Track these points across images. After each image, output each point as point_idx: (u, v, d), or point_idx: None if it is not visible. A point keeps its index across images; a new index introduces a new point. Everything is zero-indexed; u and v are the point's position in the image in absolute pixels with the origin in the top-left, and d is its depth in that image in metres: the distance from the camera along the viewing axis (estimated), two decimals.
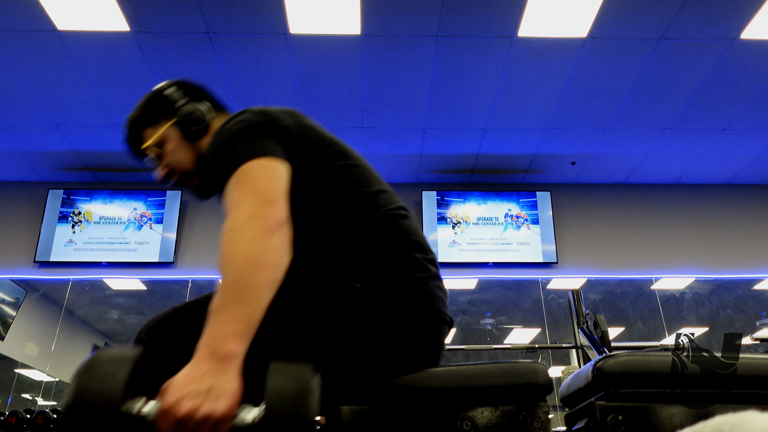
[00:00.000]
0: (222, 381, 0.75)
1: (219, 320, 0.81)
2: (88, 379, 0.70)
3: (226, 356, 0.78)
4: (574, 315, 2.69)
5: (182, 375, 0.76)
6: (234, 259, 0.86)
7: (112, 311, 5.50)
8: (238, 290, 0.83)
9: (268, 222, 0.89)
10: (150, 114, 1.23)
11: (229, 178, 0.96)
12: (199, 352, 0.79)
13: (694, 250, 5.07)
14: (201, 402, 0.72)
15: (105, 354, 0.74)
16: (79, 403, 0.68)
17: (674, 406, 1.07)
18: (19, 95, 4.02)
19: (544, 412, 1.03)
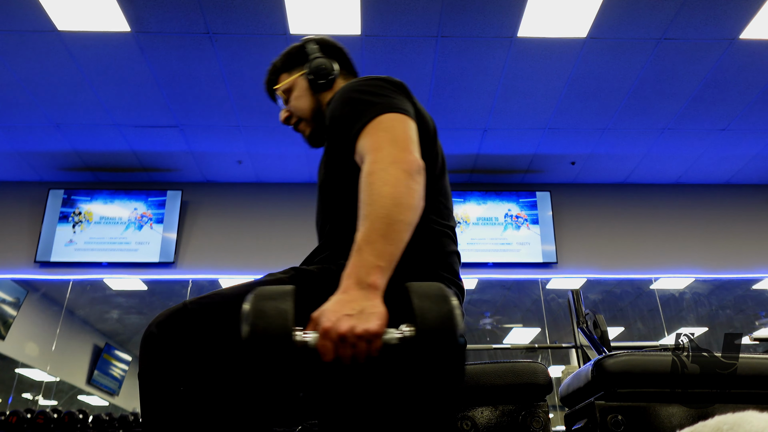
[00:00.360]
0: (370, 305, 0.82)
1: (366, 253, 0.87)
2: (263, 309, 0.77)
3: (371, 286, 0.84)
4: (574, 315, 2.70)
5: (333, 302, 0.83)
6: (381, 197, 0.91)
7: (113, 311, 5.50)
8: (385, 227, 0.89)
9: (410, 166, 0.95)
10: (287, 62, 1.37)
11: (367, 125, 1.02)
12: (346, 281, 0.85)
13: (693, 250, 5.07)
14: (356, 321, 0.79)
15: (270, 288, 0.81)
16: (258, 330, 0.75)
17: (674, 406, 1.07)
18: (19, 95, 4.02)
19: (543, 412, 1.03)
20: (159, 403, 0.90)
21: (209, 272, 4.87)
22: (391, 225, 0.89)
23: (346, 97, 1.11)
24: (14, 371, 5.08)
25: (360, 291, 0.84)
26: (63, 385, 5.15)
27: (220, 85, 3.96)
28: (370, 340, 0.79)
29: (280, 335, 0.75)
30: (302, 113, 1.33)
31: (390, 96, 1.08)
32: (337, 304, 0.82)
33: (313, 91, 1.32)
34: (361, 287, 0.84)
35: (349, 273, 0.86)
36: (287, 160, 4.89)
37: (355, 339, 0.79)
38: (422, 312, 0.77)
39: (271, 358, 0.74)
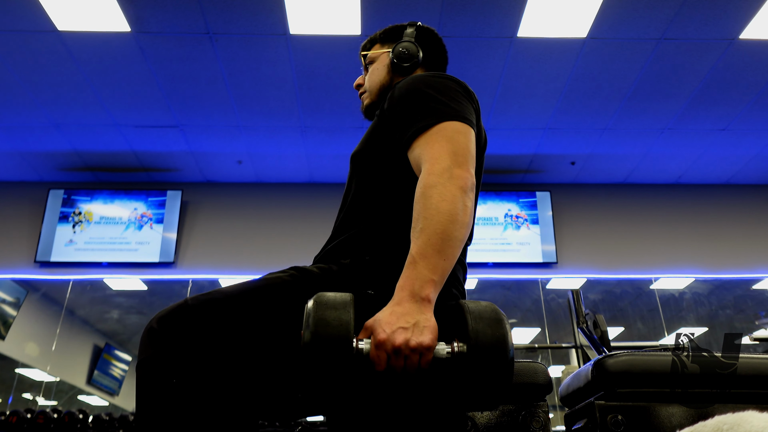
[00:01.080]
0: (424, 318, 0.84)
1: (421, 266, 0.88)
2: (326, 316, 0.79)
3: (424, 299, 0.86)
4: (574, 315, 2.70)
5: (387, 313, 0.85)
6: (439, 213, 0.92)
7: (113, 311, 5.50)
8: (441, 243, 0.90)
9: (466, 184, 0.96)
10: (385, 35, 1.40)
11: (429, 128, 1.02)
12: (400, 293, 0.87)
13: (693, 250, 5.07)
14: (411, 334, 0.82)
15: (330, 295, 0.83)
16: (321, 337, 0.77)
17: (674, 406, 1.07)
18: (19, 95, 4.03)
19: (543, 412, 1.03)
20: (154, 395, 0.90)
21: (209, 272, 4.87)
22: (446, 241, 0.90)
23: (414, 88, 1.11)
24: (14, 371, 5.08)
25: (414, 304, 0.85)
26: (63, 385, 5.15)
27: (220, 85, 3.96)
28: (423, 353, 0.82)
29: (341, 342, 0.78)
30: (371, 85, 1.36)
31: (459, 101, 1.08)
32: (392, 315, 0.84)
33: (391, 69, 1.33)
34: (415, 300, 0.86)
35: (404, 285, 0.88)
36: (287, 160, 4.89)
37: (408, 351, 0.81)
38: (476, 333, 0.80)
39: (331, 363, 0.77)
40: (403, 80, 1.17)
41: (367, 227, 1.11)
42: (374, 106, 1.35)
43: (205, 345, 0.93)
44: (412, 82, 1.13)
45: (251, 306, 0.97)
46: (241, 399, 0.94)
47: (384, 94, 1.33)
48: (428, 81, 1.12)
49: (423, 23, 1.40)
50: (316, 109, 4.20)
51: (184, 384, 0.90)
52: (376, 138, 1.17)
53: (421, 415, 0.98)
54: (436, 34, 1.40)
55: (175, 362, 0.91)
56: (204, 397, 0.90)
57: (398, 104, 1.11)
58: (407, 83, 1.14)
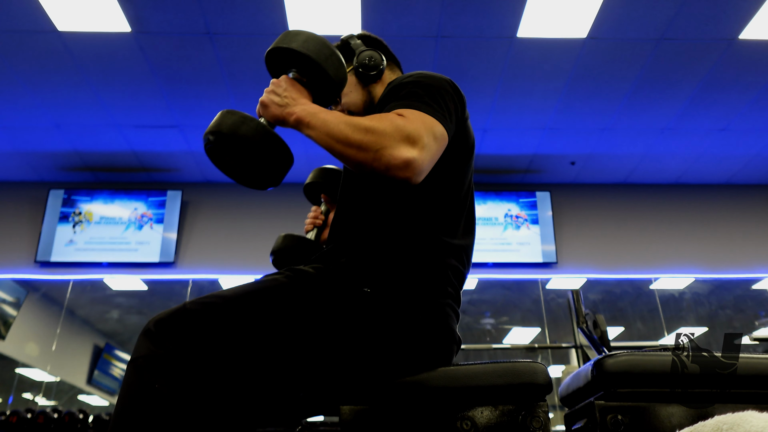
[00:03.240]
0: (280, 101, 1.04)
1: (324, 113, 1.00)
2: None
3: (290, 111, 1.03)
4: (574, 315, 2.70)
5: (293, 84, 1.07)
6: (368, 126, 0.96)
7: (113, 311, 5.50)
8: (338, 132, 0.97)
9: (400, 160, 0.95)
10: None
11: (410, 108, 1.03)
12: (307, 105, 1.04)
13: (693, 250, 5.07)
14: (272, 86, 1.07)
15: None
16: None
17: (674, 406, 1.07)
18: (20, 95, 4.03)
19: (543, 412, 1.03)
20: (141, 394, 0.89)
21: (209, 272, 4.88)
22: (338, 139, 0.96)
23: (408, 82, 1.11)
24: (14, 371, 5.08)
25: (292, 98, 1.04)
26: (63, 385, 5.15)
27: (220, 85, 3.96)
28: (260, 102, 1.06)
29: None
30: (355, 107, 1.34)
31: (445, 104, 1.08)
32: (289, 82, 1.08)
33: (362, 84, 1.32)
34: (291, 103, 1.03)
35: (312, 105, 1.04)
36: None
37: (265, 99, 1.05)
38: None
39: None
40: (397, 79, 1.16)
41: (363, 228, 1.11)
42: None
43: (203, 348, 0.93)
44: (402, 78, 1.13)
45: (249, 309, 0.98)
46: (237, 403, 0.94)
47: (371, 109, 1.32)
48: (418, 77, 1.12)
49: (366, 30, 1.42)
50: None
51: (175, 387, 0.89)
52: None
53: None
54: (372, 34, 1.41)
55: (169, 365, 0.91)
56: (194, 400, 0.90)
57: (387, 100, 1.11)
58: (398, 80, 1.14)
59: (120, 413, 0.89)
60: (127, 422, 0.88)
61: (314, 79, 1.09)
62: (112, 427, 0.88)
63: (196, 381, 0.91)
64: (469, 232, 1.20)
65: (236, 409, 0.93)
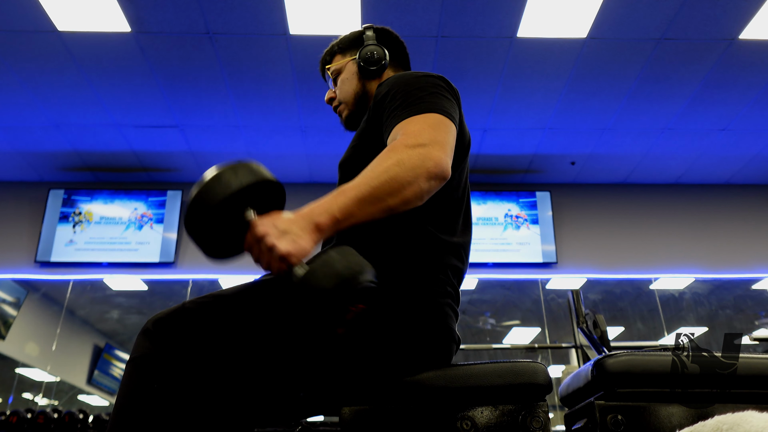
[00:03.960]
0: (299, 234, 0.84)
1: (335, 199, 0.88)
2: (225, 170, 0.86)
3: (316, 225, 0.86)
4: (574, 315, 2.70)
5: (283, 215, 0.87)
6: (387, 167, 0.89)
7: (113, 311, 5.50)
8: (366, 190, 0.88)
9: (436, 168, 0.92)
10: (344, 44, 1.37)
11: (414, 116, 1.00)
12: (304, 208, 0.88)
13: (693, 250, 5.07)
14: (275, 237, 0.83)
15: (238, 164, 0.88)
16: (212, 187, 0.84)
17: (674, 406, 1.07)
18: (20, 95, 4.03)
19: (543, 412, 1.03)
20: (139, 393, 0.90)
21: (209, 272, 4.87)
22: (372, 194, 0.88)
23: (399, 88, 1.10)
24: (14, 371, 5.08)
25: (303, 220, 0.86)
26: (63, 385, 5.15)
27: (220, 85, 3.96)
28: (276, 256, 0.83)
29: (232, 200, 0.85)
30: (345, 96, 1.34)
31: (444, 97, 1.07)
32: (280, 216, 0.86)
33: (360, 76, 1.32)
34: (306, 219, 0.86)
35: (311, 204, 0.88)
36: (287, 161, 4.90)
37: (264, 247, 0.83)
38: (325, 263, 0.82)
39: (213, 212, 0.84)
40: (385, 82, 1.16)
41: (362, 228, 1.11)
42: (354, 116, 1.35)
43: (202, 348, 0.93)
44: (395, 83, 1.12)
45: (248, 308, 0.98)
46: (236, 402, 0.94)
47: (360, 102, 1.33)
48: (411, 80, 1.11)
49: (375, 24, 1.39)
50: (316, 109, 4.20)
51: (174, 387, 0.89)
52: (363, 144, 1.17)
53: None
54: (393, 32, 1.39)
55: (168, 364, 0.91)
56: (193, 400, 0.90)
57: (382, 105, 1.11)
58: (389, 84, 1.13)
59: (118, 412, 0.89)
60: (126, 421, 0.88)
61: (271, 198, 0.94)
62: (110, 426, 0.88)
63: (195, 380, 0.91)
64: (466, 229, 1.20)
65: (235, 408, 0.93)
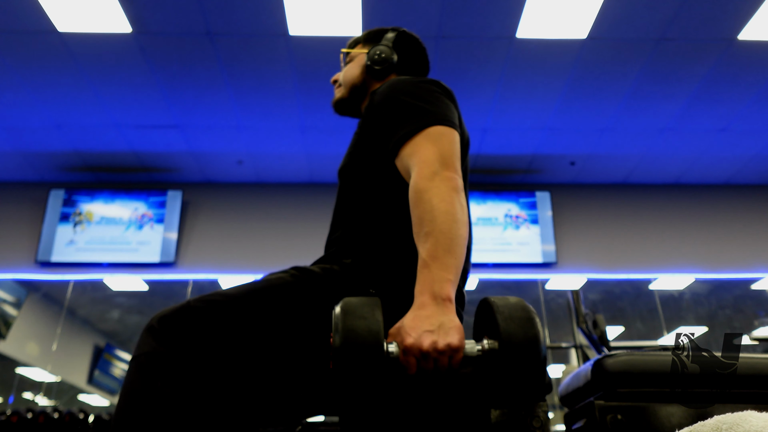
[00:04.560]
0: (447, 319, 0.84)
1: (435, 268, 0.88)
2: (355, 321, 0.79)
3: (445, 300, 0.86)
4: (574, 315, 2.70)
5: (411, 318, 0.84)
6: (441, 213, 0.92)
7: (113, 311, 5.50)
8: (449, 242, 0.90)
9: (456, 184, 0.97)
10: (367, 37, 1.43)
11: (415, 135, 1.03)
12: (421, 297, 0.87)
13: (693, 250, 5.07)
14: (437, 337, 0.81)
15: (357, 299, 0.82)
16: (351, 342, 0.77)
17: (673, 406, 1.07)
18: (20, 95, 4.03)
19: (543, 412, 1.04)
20: (144, 391, 0.90)
21: (209, 272, 4.88)
22: (453, 240, 0.91)
23: (395, 96, 1.11)
24: (15, 371, 5.08)
25: (436, 306, 0.85)
26: (64, 384, 5.15)
27: (220, 85, 3.96)
28: (452, 354, 0.82)
29: (373, 349, 0.78)
30: (345, 79, 1.39)
31: (440, 104, 1.09)
32: (416, 320, 0.84)
33: (365, 70, 1.36)
34: (437, 302, 0.85)
35: (422, 289, 0.87)
36: (287, 160, 4.90)
37: (436, 354, 0.81)
38: (507, 332, 0.80)
39: (363, 368, 0.77)
40: (380, 88, 1.17)
41: (367, 230, 1.11)
42: (344, 102, 1.39)
43: (206, 346, 0.93)
44: (389, 91, 1.13)
45: (254, 307, 0.98)
46: (240, 401, 0.94)
47: (355, 92, 1.37)
48: (405, 88, 1.12)
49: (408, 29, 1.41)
50: (316, 109, 4.20)
51: (177, 385, 0.89)
52: (361, 149, 1.18)
53: (450, 414, 0.98)
54: (418, 41, 1.41)
55: (173, 361, 0.91)
56: (196, 399, 0.90)
57: (379, 115, 1.12)
58: (384, 92, 1.14)
59: (122, 411, 0.89)
60: (130, 420, 0.88)
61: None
62: (114, 425, 0.88)
63: (199, 379, 0.91)
64: None
65: (238, 407, 0.94)
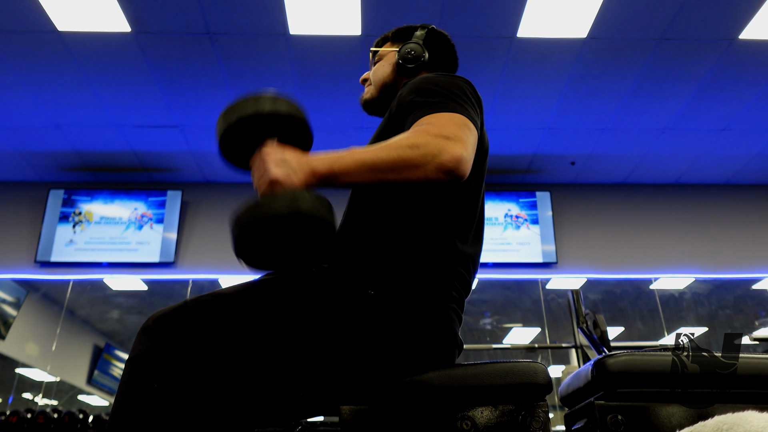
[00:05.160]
0: (294, 169, 0.89)
1: (340, 154, 0.91)
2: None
3: (312, 170, 0.90)
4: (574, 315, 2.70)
5: (291, 149, 0.93)
6: (401, 146, 0.91)
7: (113, 311, 5.50)
8: (372, 158, 0.90)
9: (451, 159, 0.91)
10: (396, 34, 1.42)
11: (438, 113, 1.00)
12: (311, 153, 0.93)
13: (693, 250, 5.07)
14: (270, 162, 0.90)
15: (281, 96, 0.96)
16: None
17: (674, 406, 1.07)
18: (20, 95, 4.03)
19: (543, 412, 1.03)
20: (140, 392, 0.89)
21: (209, 272, 4.87)
22: (376, 168, 0.90)
23: (423, 86, 1.09)
24: (14, 371, 5.08)
25: (302, 158, 0.91)
26: (63, 385, 5.15)
27: (220, 85, 3.96)
28: (268, 181, 0.88)
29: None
30: (376, 79, 1.37)
31: (466, 101, 1.07)
32: (283, 149, 0.92)
33: (395, 68, 1.34)
34: (306, 160, 0.90)
35: (319, 153, 0.92)
36: None
37: (261, 170, 0.90)
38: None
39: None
40: (410, 82, 1.15)
41: (365, 230, 1.11)
42: (374, 102, 1.37)
43: (203, 347, 0.93)
44: (420, 82, 1.12)
45: (250, 308, 0.97)
46: (237, 402, 0.94)
47: (386, 92, 1.34)
48: (436, 80, 1.11)
49: (435, 26, 1.40)
50: (316, 108, 4.20)
51: (174, 386, 0.89)
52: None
53: None
54: (448, 38, 1.40)
55: (168, 363, 0.90)
56: (193, 399, 0.90)
57: (405, 103, 1.09)
58: (414, 83, 1.13)
59: (118, 412, 0.89)
60: (125, 422, 0.88)
61: (297, 136, 1.04)
62: (109, 426, 0.88)
63: (196, 379, 0.91)
64: (478, 239, 1.19)
65: (236, 408, 0.93)
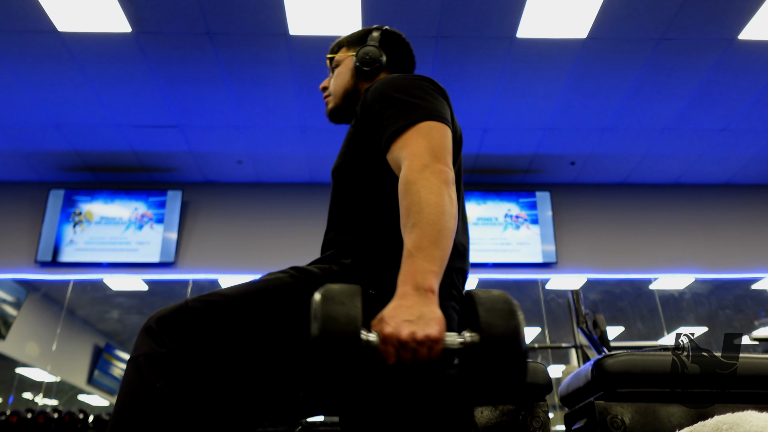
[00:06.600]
0: (429, 310, 0.82)
1: (419, 259, 0.88)
2: (333, 307, 0.78)
3: (428, 291, 0.85)
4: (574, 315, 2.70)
5: (393, 307, 0.83)
6: (429, 205, 0.92)
7: (113, 311, 5.50)
8: (435, 234, 0.90)
9: (447, 177, 0.97)
10: (352, 39, 1.41)
11: (407, 129, 1.03)
12: (403, 287, 0.86)
13: (693, 250, 5.07)
14: (416, 327, 0.80)
15: (337, 286, 0.81)
16: (328, 329, 0.76)
17: (673, 406, 1.07)
18: (20, 95, 4.03)
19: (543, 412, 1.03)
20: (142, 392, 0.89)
21: (209, 272, 4.87)
22: (440, 232, 0.90)
23: (387, 93, 1.11)
24: (15, 371, 5.08)
25: (418, 297, 0.84)
26: (63, 384, 5.15)
27: (220, 85, 3.96)
28: (431, 345, 0.80)
29: (349, 337, 0.76)
30: (335, 89, 1.37)
31: (432, 100, 1.08)
32: (396, 309, 0.82)
33: (354, 73, 1.34)
34: (419, 293, 0.84)
35: (405, 279, 0.86)
36: (287, 160, 4.90)
37: (415, 344, 0.79)
38: (488, 323, 0.79)
39: (339, 357, 0.76)
40: (372, 86, 1.16)
41: (365, 230, 1.11)
42: (338, 110, 1.38)
43: (204, 347, 0.93)
44: (381, 88, 1.13)
45: (252, 308, 0.97)
46: (238, 402, 0.94)
47: (348, 98, 1.35)
48: (397, 84, 1.12)
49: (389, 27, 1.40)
50: (316, 108, 4.20)
51: (176, 385, 0.89)
52: (353, 148, 1.18)
53: (432, 410, 0.98)
54: (403, 38, 1.40)
55: (170, 362, 0.91)
56: (195, 399, 0.90)
57: (371, 112, 1.11)
58: (376, 89, 1.14)
59: (120, 412, 0.89)
60: (127, 421, 0.88)
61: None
62: (111, 426, 0.88)
63: (197, 379, 0.91)
64: (464, 229, 1.20)
65: (237, 408, 0.93)
